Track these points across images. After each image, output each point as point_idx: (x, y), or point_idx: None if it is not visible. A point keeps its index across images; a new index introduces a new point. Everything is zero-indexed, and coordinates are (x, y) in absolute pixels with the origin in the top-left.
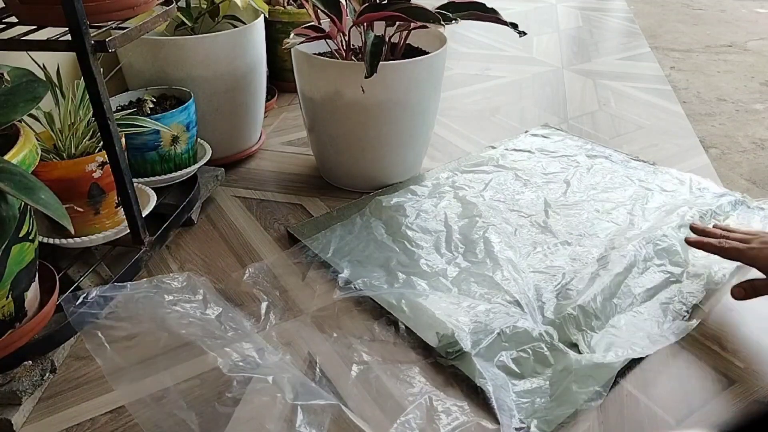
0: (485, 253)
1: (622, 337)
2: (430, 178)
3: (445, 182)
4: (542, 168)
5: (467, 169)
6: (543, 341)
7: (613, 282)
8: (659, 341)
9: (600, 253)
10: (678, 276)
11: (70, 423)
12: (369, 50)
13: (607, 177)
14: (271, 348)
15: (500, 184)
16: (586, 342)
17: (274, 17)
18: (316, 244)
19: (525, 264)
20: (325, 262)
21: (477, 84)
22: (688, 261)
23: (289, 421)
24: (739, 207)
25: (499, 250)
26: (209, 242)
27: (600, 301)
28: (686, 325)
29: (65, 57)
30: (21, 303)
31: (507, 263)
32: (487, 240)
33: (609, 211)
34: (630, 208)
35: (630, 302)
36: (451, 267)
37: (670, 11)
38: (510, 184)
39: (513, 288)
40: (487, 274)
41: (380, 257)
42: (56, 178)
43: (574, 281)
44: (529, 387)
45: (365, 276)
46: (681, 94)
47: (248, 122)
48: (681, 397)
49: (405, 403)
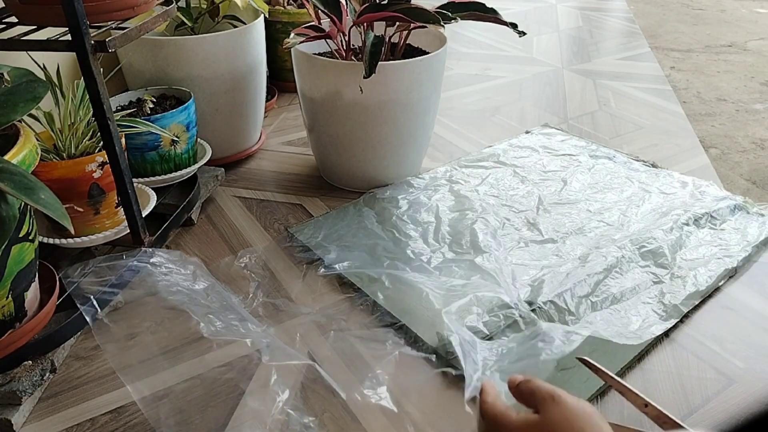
0: (470, 244)
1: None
2: (429, 172)
3: (442, 176)
4: (542, 166)
5: (467, 164)
6: (516, 309)
7: (590, 280)
8: (630, 338)
9: (583, 252)
10: (662, 277)
11: (70, 423)
12: (368, 50)
13: (607, 177)
14: (255, 320)
15: (497, 180)
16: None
17: (274, 17)
18: (306, 231)
19: (505, 255)
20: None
21: (477, 84)
22: (675, 263)
23: (264, 381)
24: (738, 212)
25: (483, 242)
26: (209, 242)
27: (574, 297)
28: (663, 325)
29: (65, 57)
30: (21, 303)
31: (489, 253)
32: (473, 232)
33: (601, 211)
34: (624, 209)
35: (608, 301)
36: (436, 255)
37: (670, 11)
38: (507, 180)
39: (490, 267)
40: (468, 259)
41: (367, 243)
42: (56, 178)
43: (548, 276)
44: (497, 348)
45: (350, 259)
46: (681, 94)
47: (248, 122)
48: (681, 397)
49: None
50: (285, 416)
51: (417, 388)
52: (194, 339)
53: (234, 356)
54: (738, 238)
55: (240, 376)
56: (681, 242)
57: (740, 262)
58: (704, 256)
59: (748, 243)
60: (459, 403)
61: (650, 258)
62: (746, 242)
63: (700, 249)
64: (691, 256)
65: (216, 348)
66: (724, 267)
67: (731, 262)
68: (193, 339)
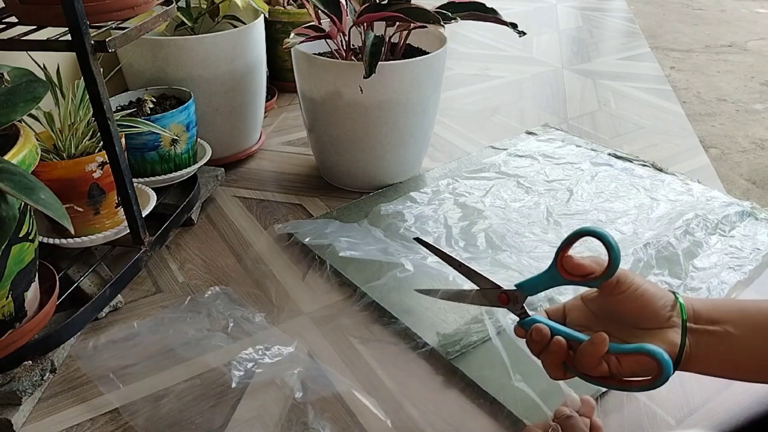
0: (486, 244)
1: None
2: (429, 184)
3: (445, 189)
4: (545, 175)
5: (468, 175)
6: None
7: None
8: None
9: None
10: (675, 288)
11: (70, 423)
12: (368, 50)
13: (612, 185)
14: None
15: (501, 191)
16: None
17: (274, 17)
18: (310, 228)
19: (524, 257)
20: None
21: (477, 84)
22: (687, 273)
23: (264, 381)
24: (747, 218)
25: (500, 243)
26: (209, 242)
27: None
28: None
29: (65, 57)
30: (21, 303)
31: (509, 252)
32: (488, 235)
33: (613, 220)
34: (634, 217)
35: None
36: (453, 254)
37: (670, 11)
38: (512, 190)
39: (513, 262)
40: (489, 256)
41: (377, 246)
42: (56, 178)
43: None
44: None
45: (359, 250)
46: (681, 94)
47: (248, 122)
48: (681, 397)
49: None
50: (285, 416)
51: (417, 388)
52: (194, 339)
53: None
54: (749, 245)
55: (240, 376)
56: (693, 250)
57: (752, 272)
58: (716, 265)
59: (759, 251)
60: (459, 403)
61: (665, 266)
62: (757, 250)
63: (712, 257)
64: (703, 264)
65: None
66: (737, 279)
67: (743, 274)
68: (192, 339)
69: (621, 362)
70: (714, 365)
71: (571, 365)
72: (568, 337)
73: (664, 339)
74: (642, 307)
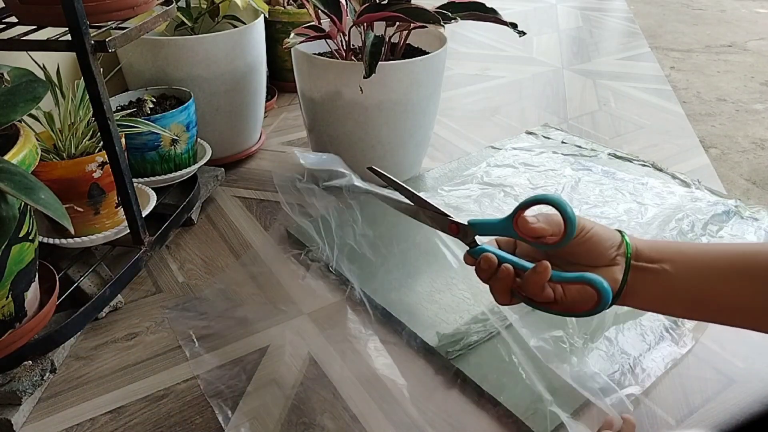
0: None
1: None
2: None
3: (445, 194)
4: (529, 182)
5: (452, 187)
6: None
7: None
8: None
9: None
10: None
11: (70, 423)
12: (368, 50)
13: (596, 191)
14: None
15: (491, 201)
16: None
17: (274, 17)
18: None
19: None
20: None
21: (477, 84)
22: None
23: (264, 381)
24: (733, 217)
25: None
26: (209, 242)
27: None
28: (673, 350)
29: (65, 57)
30: (21, 303)
31: None
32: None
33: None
34: (626, 223)
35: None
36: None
37: (670, 11)
38: (500, 199)
39: None
40: None
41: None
42: (56, 178)
43: None
44: None
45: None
46: (681, 94)
47: (248, 122)
48: (681, 397)
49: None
50: (285, 416)
51: (417, 388)
52: (192, 341)
53: (235, 357)
54: None
55: (240, 375)
56: None
57: None
58: None
59: None
60: (459, 403)
61: None
62: None
63: None
64: None
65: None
66: None
67: None
68: (191, 340)
69: (564, 290)
70: (650, 300)
71: (518, 292)
72: (515, 265)
73: (607, 275)
74: (590, 248)
